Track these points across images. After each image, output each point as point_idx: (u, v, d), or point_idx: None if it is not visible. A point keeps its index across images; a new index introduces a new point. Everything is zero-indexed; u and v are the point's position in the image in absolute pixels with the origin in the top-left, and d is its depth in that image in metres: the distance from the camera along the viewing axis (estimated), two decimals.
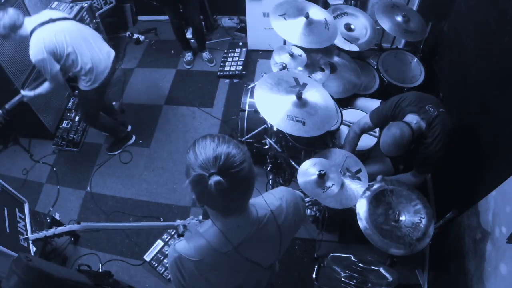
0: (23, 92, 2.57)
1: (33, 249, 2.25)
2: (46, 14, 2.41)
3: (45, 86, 2.54)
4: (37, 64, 2.35)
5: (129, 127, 3.39)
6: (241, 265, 1.10)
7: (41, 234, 1.55)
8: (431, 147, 1.98)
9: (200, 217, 2.69)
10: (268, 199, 1.14)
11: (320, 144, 2.29)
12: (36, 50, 2.29)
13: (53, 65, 2.38)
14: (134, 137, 3.33)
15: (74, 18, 2.51)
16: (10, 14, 2.24)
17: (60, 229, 1.55)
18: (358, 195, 2.02)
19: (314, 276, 2.19)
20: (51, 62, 2.37)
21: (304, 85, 2.10)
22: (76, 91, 3.58)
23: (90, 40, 2.54)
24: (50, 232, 1.54)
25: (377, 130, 2.51)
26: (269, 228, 1.11)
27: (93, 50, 2.54)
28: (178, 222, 1.53)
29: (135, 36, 4.22)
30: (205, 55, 3.95)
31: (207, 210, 1.03)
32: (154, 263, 2.56)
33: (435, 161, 2.02)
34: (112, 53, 2.70)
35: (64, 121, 3.37)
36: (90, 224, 1.66)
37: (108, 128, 3.16)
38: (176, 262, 1.07)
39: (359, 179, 2.10)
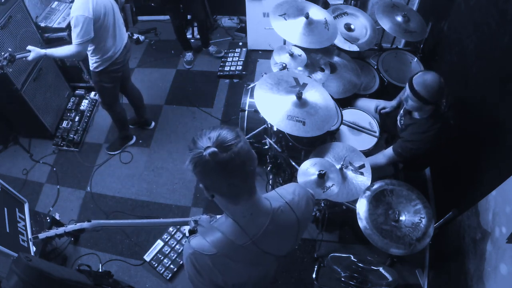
0: (30, 47, 2.24)
1: (33, 249, 2.26)
2: None
3: (66, 49, 2.21)
4: (76, 21, 2.04)
5: (153, 124, 3.44)
6: (256, 257, 1.11)
7: (52, 232, 1.53)
8: (421, 133, 2.06)
9: (201, 214, 2.71)
10: (281, 193, 1.18)
11: (320, 144, 2.29)
12: (83, 7, 2.02)
13: (90, 30, 2.10)
14: (134, 138, 3.34)
15: None
16: None
17: (70, 227, 1.53)
18: (360, 189, 2.03)
19: (314, 276, 2.19)
20: (90, 26, 2.08)
21: (304, 85, 2.10)
22: (76, 91, 3.62)
23: (119, 21, 2.33)
24: (60, 230, 1.52)
25: (377, 130, 2.51)
26: (285, 219, 1.13)
27: (119, 31, 2.37)
28: (189, 218, 1.56)
29: (135, 36, 4.23)
30: (211, 48, 3.99)
31: (216, 201, 1.04)
32: (154, 263, 2.56)
33: (414, 147, 2.08)
34: (126, 36, 2.55)
35: (64, 121, 3.38)
36: (101, 222, 1.64)
37: (119, 120, 3.12)
38: (190, 258, 1.09)
39: (362, 174, 2.11)
